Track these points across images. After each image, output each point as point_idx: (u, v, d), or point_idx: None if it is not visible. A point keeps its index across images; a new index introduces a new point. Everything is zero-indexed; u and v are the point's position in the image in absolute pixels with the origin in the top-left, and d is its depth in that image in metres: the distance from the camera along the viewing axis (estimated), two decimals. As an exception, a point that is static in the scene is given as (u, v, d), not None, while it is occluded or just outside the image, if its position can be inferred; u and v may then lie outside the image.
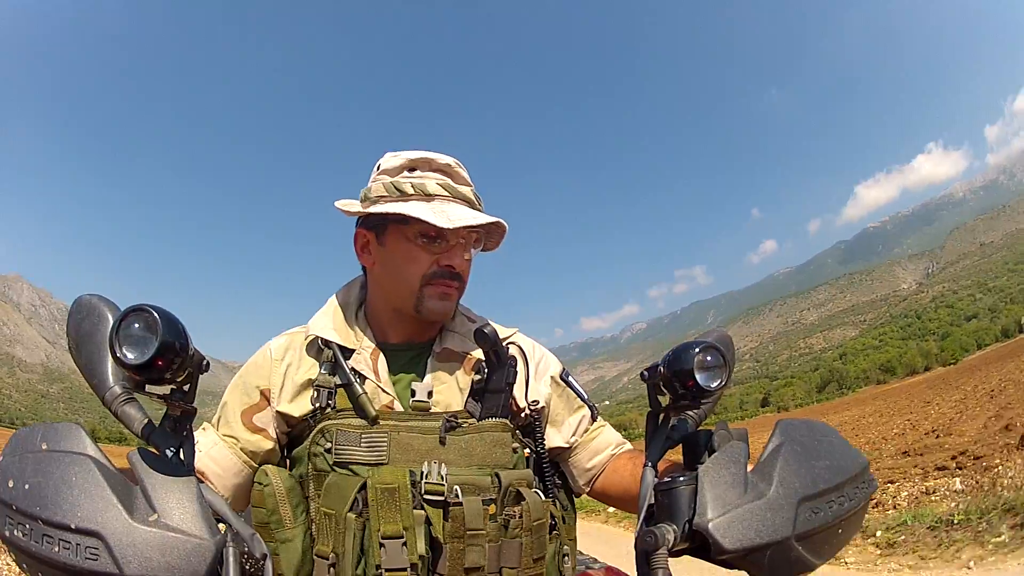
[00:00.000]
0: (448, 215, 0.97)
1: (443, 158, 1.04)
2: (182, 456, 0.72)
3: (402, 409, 1.00)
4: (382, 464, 0.93)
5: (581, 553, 1.07)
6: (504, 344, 1.02)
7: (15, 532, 0.62)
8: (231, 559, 0.65)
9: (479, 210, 1.03)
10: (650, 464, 0.85)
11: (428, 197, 1.00)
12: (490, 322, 1.09)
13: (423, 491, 0.90)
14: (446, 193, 1.01)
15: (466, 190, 1.03)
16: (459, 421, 0.98)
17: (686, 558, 0.78)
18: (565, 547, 1.04)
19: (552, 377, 1.13)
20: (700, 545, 0.73)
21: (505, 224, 1.04)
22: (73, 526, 0.61)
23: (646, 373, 0.87)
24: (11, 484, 0.64)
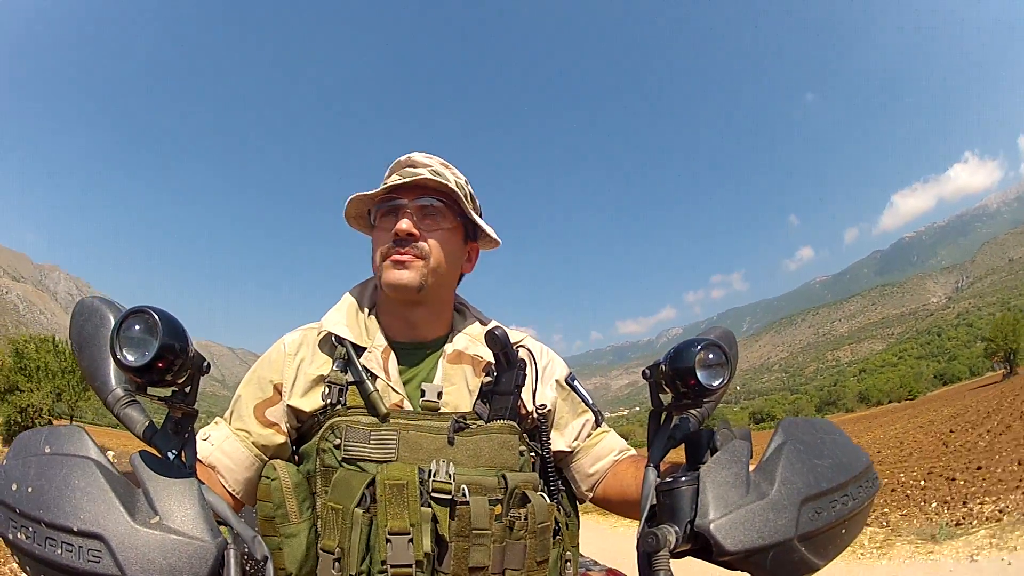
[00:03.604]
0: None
1: (411, 154, 1.09)
2: (184, 458, 0.72)
3: (411, 408, 1.00)
4: (390, 461, 0.93)
5: (582, 555, 1.06)
6: (514, 347, 1.02)
7: (18, 535, 0.63)
8: (232, 561, 0.65)
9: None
10: (652, 464, 0.84)
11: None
12: (501, 325, 1.09)
13: (431, 489, 0.90)
14: (400, 177, 1.06)
15: (421, 169, 1.06)
16: (467, 422, 0.98)
17: (687, 558, 0.78)
18: (568, 552, 1.04)
19: (558, 381, 1.13)
20: (702, 546, 0.72)
21: (443, 181, 1.04)
22: (75, 528, 0.61)
23: (648, 371, 0.86)
24: (14, 487, 0.64)
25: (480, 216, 1.13)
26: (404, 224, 1.02)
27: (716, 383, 0.77)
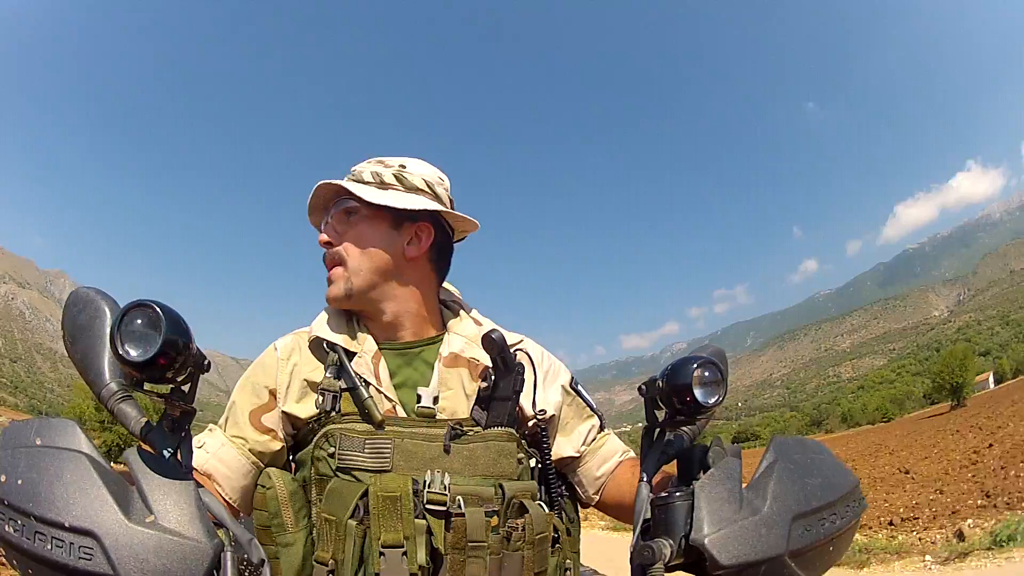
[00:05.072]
0: None
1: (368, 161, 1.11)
2: (180, 457, 0.71)
3: (404, 415, 0.98)
4: (385, 471, 0.91)
5: (582, 565, 1.06)
6: (512, 351, 1.00)
7: (6, 528, 0.61)
8: (229, 564, 0.64)
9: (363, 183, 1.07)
10: (645, 478, 0.86)
11: None
12: (498, 327, 1.07)
13: (425, 500, 0.89)
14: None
15: (359, 170, 1.08)
16: (464, 429, 0.96)
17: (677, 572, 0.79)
18: (567, 561, 1.02)
19: (563, 386, 1.11)
20: (696, 560, 0.74)
21: (333, 181, 1.05)
22: (67, 524, 0.60)
23: (644, 387, 0.88)
24: (3, 478, 0.62)
25: (446, 203, 1.10)
26: (321, 236, 1.07)
27: (712, 401, 0.80)
